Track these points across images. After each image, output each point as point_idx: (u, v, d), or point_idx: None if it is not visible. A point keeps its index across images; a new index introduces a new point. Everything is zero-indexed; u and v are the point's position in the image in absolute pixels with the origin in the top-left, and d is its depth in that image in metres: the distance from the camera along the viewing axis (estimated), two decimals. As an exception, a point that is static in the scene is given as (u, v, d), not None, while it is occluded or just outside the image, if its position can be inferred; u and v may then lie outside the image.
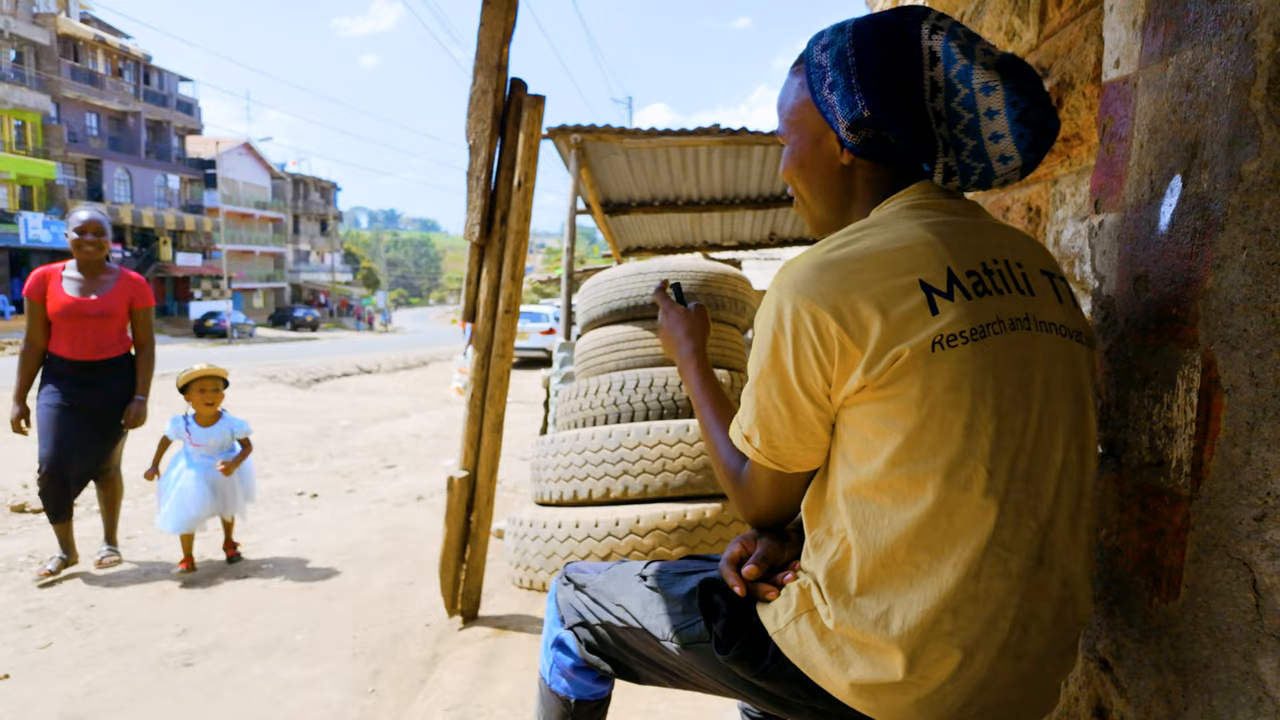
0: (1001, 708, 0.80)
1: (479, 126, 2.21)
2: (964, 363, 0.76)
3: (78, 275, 3.34)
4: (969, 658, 0.77)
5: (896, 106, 0.84)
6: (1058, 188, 1.31)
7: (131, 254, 32.62)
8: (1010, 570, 0.77)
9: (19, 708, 2.22)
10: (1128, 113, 0.95)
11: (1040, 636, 0.80)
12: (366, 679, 2.41)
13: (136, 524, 4.13)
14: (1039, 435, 0.79)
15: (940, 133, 0.87)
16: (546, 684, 1.25)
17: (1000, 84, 0.83)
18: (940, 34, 0.85)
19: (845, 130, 0.88)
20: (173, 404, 9.43)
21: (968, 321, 0.77)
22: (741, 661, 0.92)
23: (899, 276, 0.78)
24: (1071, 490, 0.81)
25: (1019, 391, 0.78)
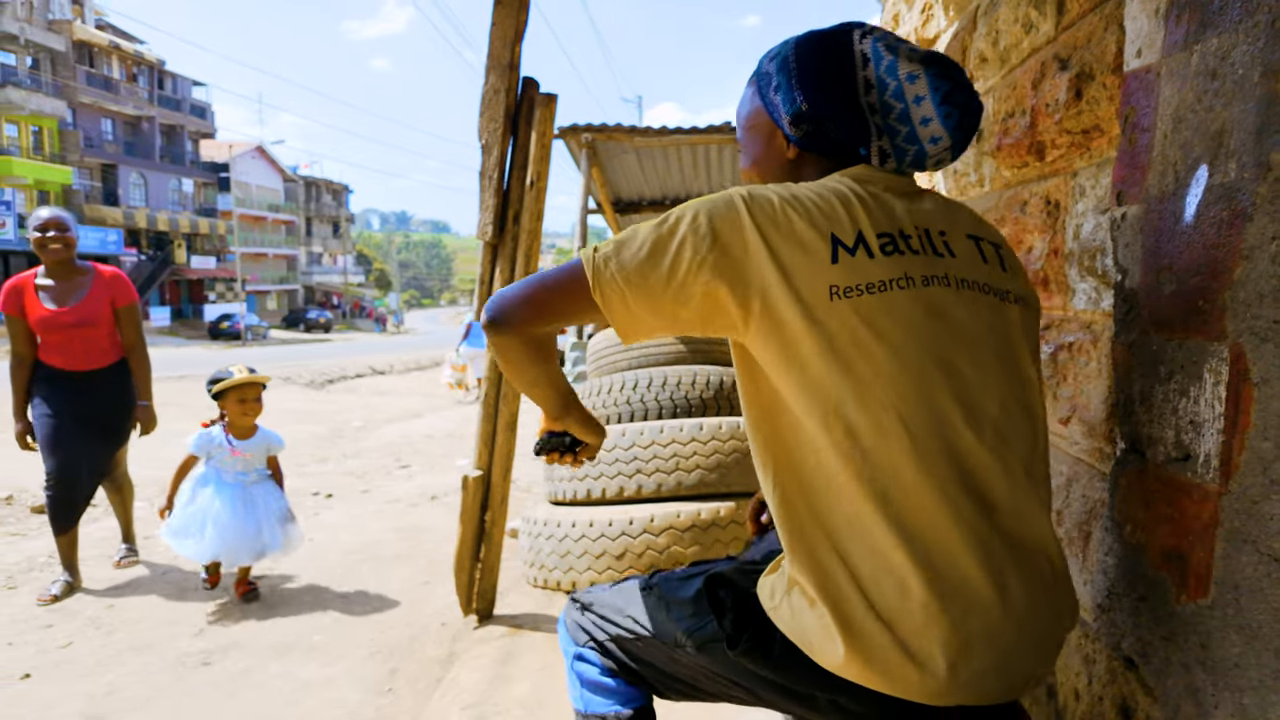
0: (995, 658, 0.81)
1: (491, 126, 2.21)
2: (864, 313, 0.82)
3: (50, 282, 3.10)
4: (946, 612, 0.79)
5: (832, 100, 0.95)
6: (1077, 180, 1.30)
7: (147, 257, 32.92)
8: (961, 515, 0.81)
9: (41, 707, 2.24)
10: (1150, 103, 0.94)
11: (1019, 587, 0.82)
12: (383, 678, 2.42)
13: (154, 524, 4.16)
14: (962, 382, 0.84)
15: (875, 122, 0.95)
16: (584, 712, 1.18)
17: (923, 72, 0.93)
18: (869, 38, 0.96)
19: (789, 125, 0.99)
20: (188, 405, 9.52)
21: (868, 276, 0.83)
22: (752, 655, 0.92)
23: (811, 222, 0.85)
24: (1019, 443, 0.86)
25: (931, 341, 0.84)
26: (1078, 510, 1.24)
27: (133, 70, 34.60)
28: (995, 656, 0.81)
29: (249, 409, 3.08)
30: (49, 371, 3.11)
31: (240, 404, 3.05)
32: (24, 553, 3.64)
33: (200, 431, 3.06)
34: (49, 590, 3.07)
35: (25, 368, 3.12)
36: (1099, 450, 1.19)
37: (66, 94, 30.17)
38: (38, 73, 29.23)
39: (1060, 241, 1.35)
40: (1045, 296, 1.43)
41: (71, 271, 3.13)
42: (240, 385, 3.04)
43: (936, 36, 2.33)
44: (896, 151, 0.96)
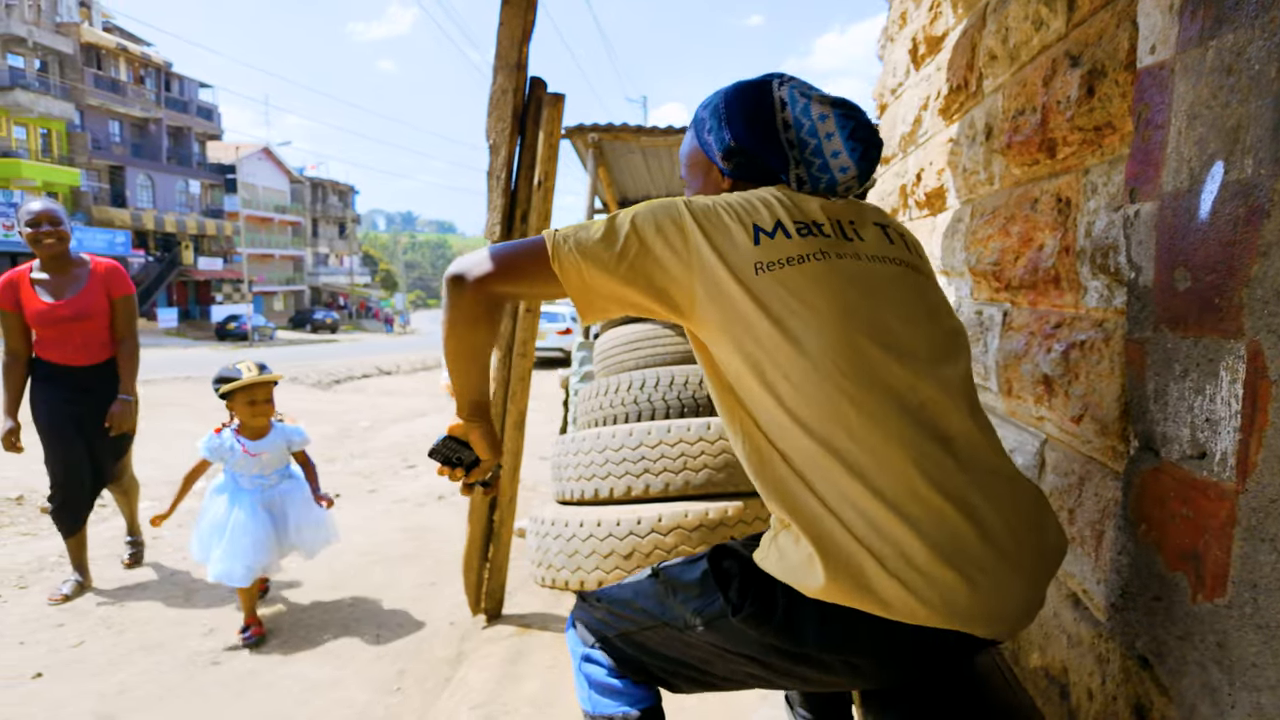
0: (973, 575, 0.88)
1: (499, 126, 2.22)
2: (787, 282, 0.96)
3: (46, 276, 3.00)
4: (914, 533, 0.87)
5: (755, 136, 1.11)
6: (1089, 178, 1.29)
7: (154, 259, 33.06)
8: (914, 446, 0.91)
9: (53, 705, 2.25)
10: (1164, 99, 0.93)
11: (990, 511, 0.90)
12: (392, 678, 2.43)
13: (164, 525, 4.18)
14: (889, 333, 0.97)
15: (794, 155, 1.11)
16: (592, 714, 1.19)
17: (832, 113, 1.10)
18: (786, 86, 1.13)
19: (721, 159, 1.16)
20: (193, 406, 9.53)
21: (786, 252, 0.98)
22: (756, 620, 0.97)
23: (736, 218, 1.01)
24: (959, 384, 1.00)
25: (853, 300, 0.97)
26: (1090, 509, 1.23)
27: (140, 72, 34.76)
28: (972, 573, 0.88)
29: (260, 410, 2.84)
30: (48, 369, 3.02)
31: (250, 405, 2.82)
32: (34, 552, 3.66)
33: (210, 435, 2.84)
34: (60, 590, 3.08)
35: (20, 365, 3.01)
36: (1112, 449, 1.19)
37: (74, 96, 30.33)
38: (46, 75, 29.39)
39: (1072, 239, 1.34)
40: (1056, 294, 1.43)
41: (68, 264, 3.03)
42: (249, 386, 2.80)
43: (945, 34, 2.32)
44: (812, 179, 1.11)
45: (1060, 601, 1.33)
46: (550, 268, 1.01)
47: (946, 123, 2.28)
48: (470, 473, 1.21)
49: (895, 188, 3.03)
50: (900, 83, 3.02)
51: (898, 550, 0.88)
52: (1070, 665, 1.25)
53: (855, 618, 0.91)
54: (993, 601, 0.89)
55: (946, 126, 2.28)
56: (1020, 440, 1.58)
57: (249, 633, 2.72)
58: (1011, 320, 1.67)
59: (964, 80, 2.02)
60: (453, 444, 1.18)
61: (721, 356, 1.00)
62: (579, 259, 1.00)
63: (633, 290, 1.00)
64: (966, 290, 2.02)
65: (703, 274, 0.98)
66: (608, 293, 1.01)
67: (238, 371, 2.80)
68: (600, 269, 1.00)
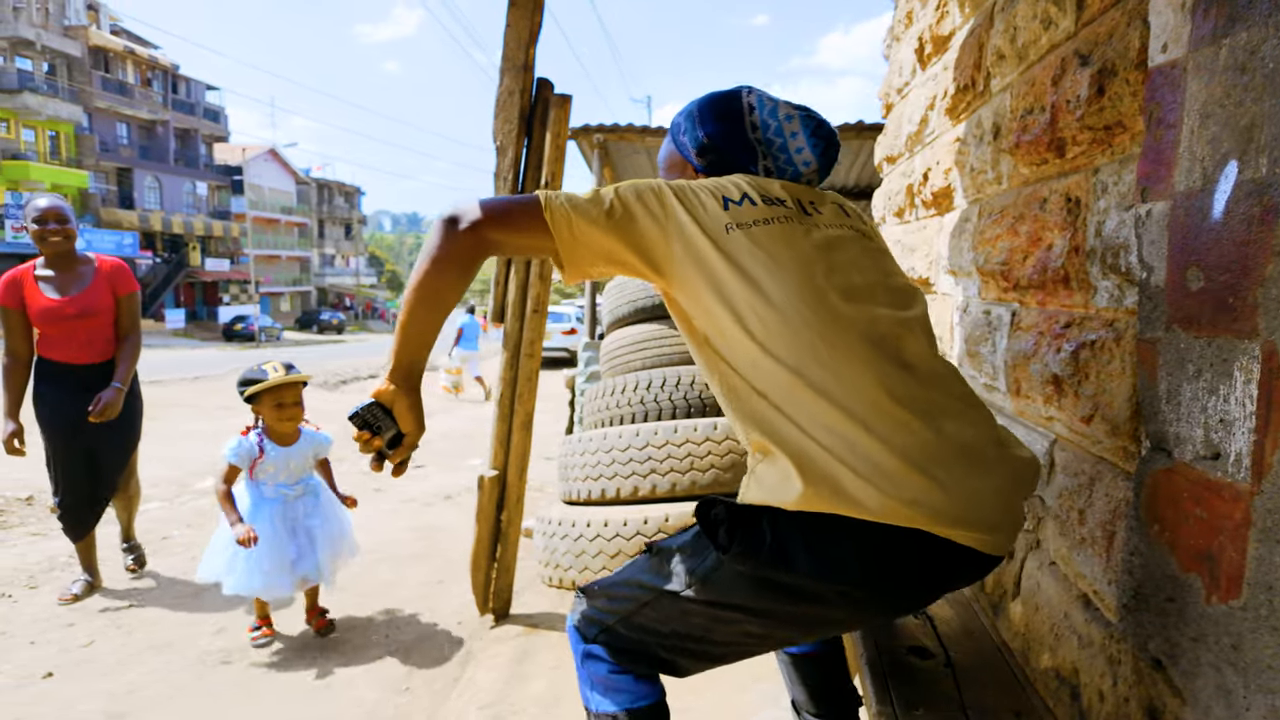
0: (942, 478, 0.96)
1: (506, 127, 2.22)
2: (754, 239, 1.08)
3: (50, 273, 2.95)
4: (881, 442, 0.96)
5: (726, 133, 1.26)
6: (1099, 177, 1.29)
7: (162, 260, 33.21)
8: (881, 371, 1.01)
9: (64, 705, 2.27)
10: (1176, 98, 0.93)
11: (955, 427, 1.00)
12: (400, 677, 2.43)
13: (172, 524, 4.20)
14: (847, 278, 1.10)
15: (761, 149, 1.26)
16: (596, 712, 1.21)
17: (796, 115, 1.26)
18: (754, 94, 1.29)
19: (695, 156, 1.29)
20: (200, 406, 9.56)
21: (752, 216, 1.11)
22: (747, 555, 1.02)
23: (710, 192, 1.13)
24: (917, 324, 1.12)
25: (812, 252, 1.10)
26: (1101, 510, 1.23)
27: (147, 75, 34.92)
28: (940, 475, 0.95)
29: (288, 414, 2.64)
30: (52, 369, 2.97)
31: (278, 408, 2.62)
32: (45, 552, 3.68)
33: (237, 439, 2.64)
34: (70, 590, 3.09)
35: (22, 367, 2.96)
36: (1123, 449, 1.18)
37: (82, 99, 30.49)
38: (54, 78, 29.55)
39: (1081, 239, 1.34)
40: (1065, 294, 1.42)
41: (73, 262, 3.00)
42: (277, 387, 2.61)
43: (951, 34, 2.32)
44: (778, 170, 1.26)
45: (1071, 602, 1.33)
46: (542, 219, 1.08)
47: (953, 122, 2.28)
48: (393, 448, 1.13)
49: (902, 187, 3.02)
50: (906, 82, 3.01)
51: (868, 460, 0.95)
52: (1081, 666, 1.25)
53: (840, 534, 0.96)
54: (963, 502, 0.96)
55: (953, 126, 2.27)
56: (1029, 440, 1.57)
57: (259, 633, 2.69)
58: (1020, 320, 1.66)
59: (971, 80, 2.01)
60: (377, 411, 1.11)
61: (697, 310, 1.09)
62: (569, 212, 1.08)
63: (619, 245, 1.09)
64: (974, 290, 2.01)
65: (680, 236, 1.08)
66: (595, 246, 1.09)
67: (264, 372, 2.62)
68: (589, 223, 1.08)
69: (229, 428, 8.60)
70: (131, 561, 3.34)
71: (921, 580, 1.02)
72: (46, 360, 2.99)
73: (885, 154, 3.47)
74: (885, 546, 0.96)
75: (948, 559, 0.98)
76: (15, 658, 2.57)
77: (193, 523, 4.27)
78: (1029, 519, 1.55)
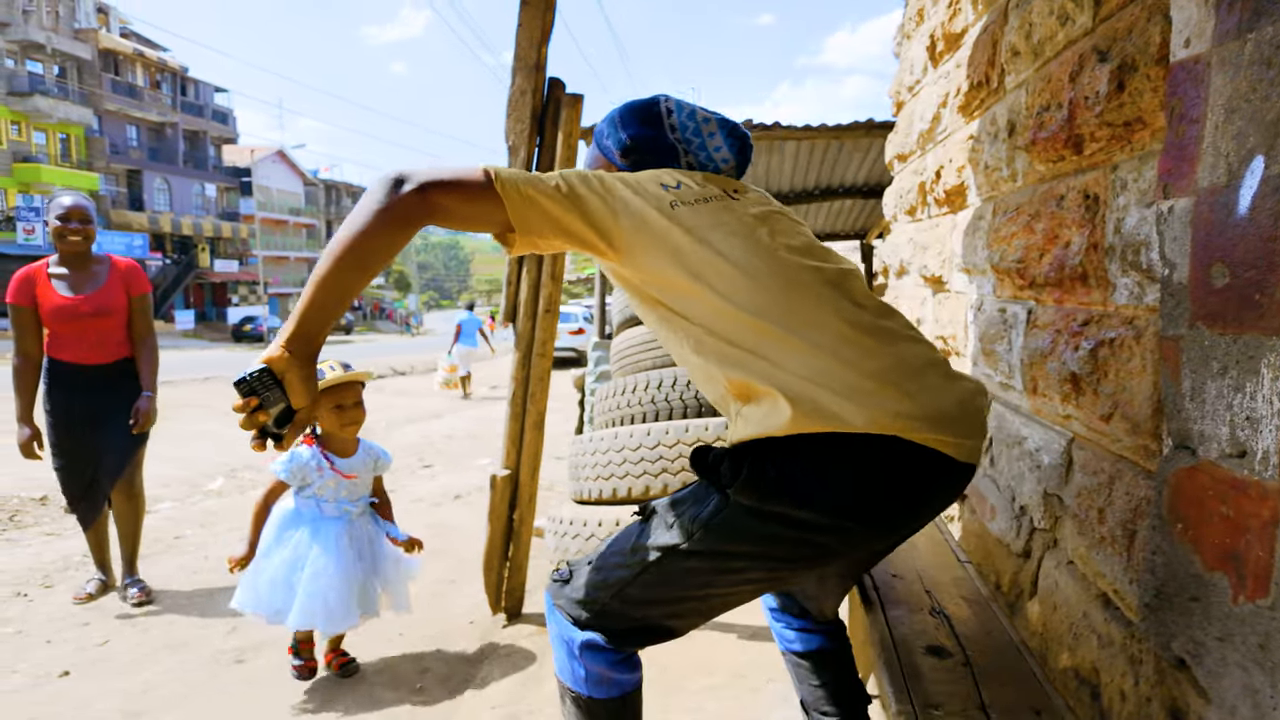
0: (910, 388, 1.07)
1: (518, 127, 2.22)
2: (698, 213, 1.19)
3: (64, 271, 2.92)
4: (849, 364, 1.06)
5: (647, 134, 1.36)
6: (1117, 174, 1.28)
7: (171, 261, 33.40)
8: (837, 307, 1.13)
9: (80, 703, 2.28)
10: (1200, 93, 0.92)
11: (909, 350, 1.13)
12: (414, 676, 2.44)
13: (185, 524, 4.23)
14: (789, 239, 1.22)
15: (681, 149, 1.37)
16: (588, 696, 1.22)
17: (713, 118, 1.39)
18: (670, 101, 1.40)
19: (620, 157, 1.38)
20: (212, 406, 9.59)
21: (691, 195, 1.21)
22: (748, 486, 1.06)
23: (648, 178, 1.23)
24: (856, 274, 1.24)
25: (753, 221, 1.22)
26: (1121, 508, 1.22)
27: (156, 77, 35.13)
28: (907, 385, 1.06)
29: (348, 417, 2.28)
30: (61, 370, 2.92)
31: (337, 412, 2.26)
32: (59, 551, 3.71)
33: (291, 452, 2.26)
34: (84, 589, 3.10)
35: (33, 368, 2.92)
36: (1144, 448, 1.18)
37: (92, 102, 30.69)
38: (65, 81, 29.76)
39: (1100, 236, 1.33)
40: (1083, 292, 1.41)
41: (88, 261, 2.97)
42: (336, 387, 2.25)
43: (964, 31, 2.31)
44: (699, 165, 1.37)
45: (1090, 601, 1.32)
46: (492, 188, 1.10)
47: (966, 120, 2.27)
48: (281, 426, 1.02)
49: (914, 185, 3.01)
50: (918, 80, 3.00)
51: (843, 382, 1.04)
52: (1101, 666, 1.24)
53: (834, 453, 1.03)
54: (934, 408, 1.06)
55: (966, 123, 2.26)
56: (1046, 439, 1.57)
57: (302, 663, 2.40)
58: (1036, 318, 1.65)
59: (985, 77, 2.00)
60: (267, 379, 1.00)
61: (652, 278, 1.17)
62: (520, 183, 1.12)
63: (569, 215, 1.13)
64: (989, 288, 2.01)
65: (626, 213, 1.15)
66: (548, 213, 1.13)
67: (319, 372, 2.09)
68: (540, 193, 1.13)
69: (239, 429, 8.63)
70: (138, 592, 3.05)
71: (911, 494, 1.09)
72: (57, 362, 2.94)
73: (896, 152, 3.46)
74: (875, 461, 1.04)
75: (929, 470, 1.07)
76: (32, 656, 2.59)
77: (205, 523, 4.30)
78: (1046, 517, 1.54)
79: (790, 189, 7.04)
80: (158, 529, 4.02)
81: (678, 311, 1.17)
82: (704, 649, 2.24)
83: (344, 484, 2.31)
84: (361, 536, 2.35)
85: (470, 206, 1.12)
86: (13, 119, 27.61)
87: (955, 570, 1.55)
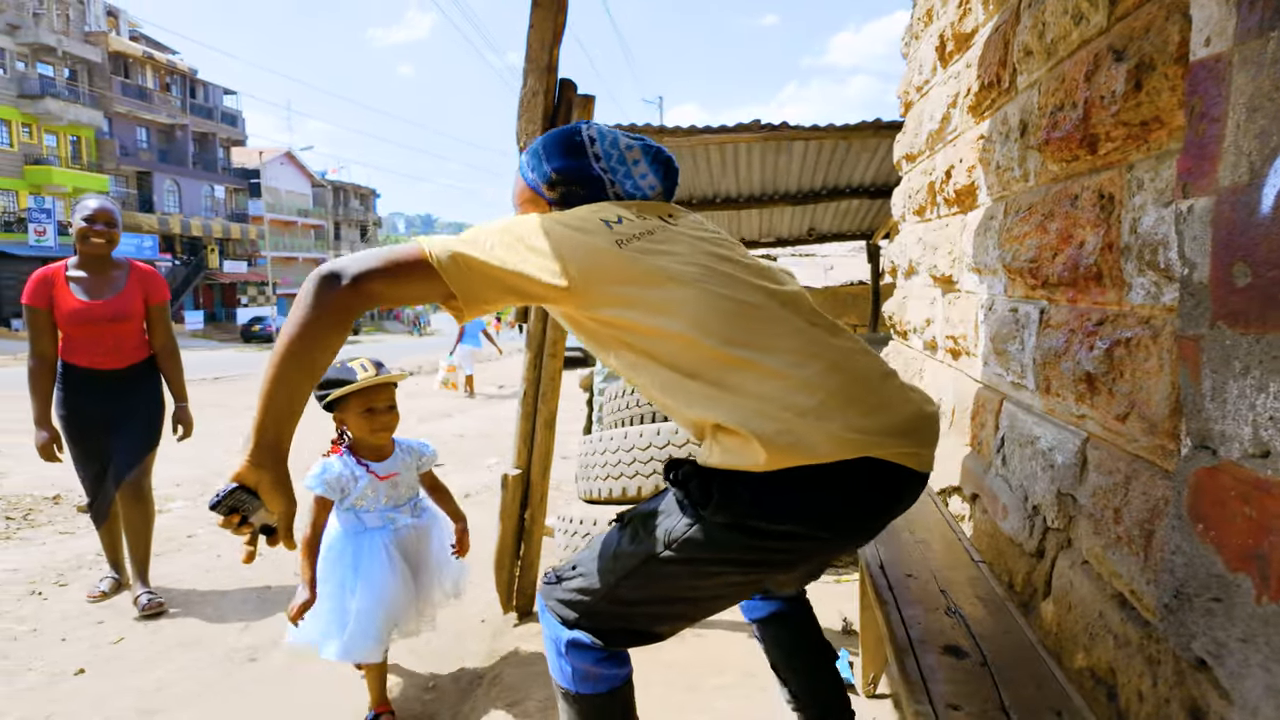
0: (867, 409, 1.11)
1: (530, 128, 2.23)
2: (645, 246, 1.19)
3: (83, 274, 2.90)
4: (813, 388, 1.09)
5: (572, 165, 1.35)
6: (1134, 173, 1.28)
7: (181, 262, 33.57)
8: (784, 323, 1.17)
9: (96, 701, 2.30)
10: (1221, 92, 0.92)
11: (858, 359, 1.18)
12: (426, 675, 2.45)
13: (197, 523, 4.25)
14: (738, 263, 1.25)
15: (608, 179, 1.36)
16: (576, 691, 1.27)
17: (636, 144, 1.39)
18: (592, 129, 1.40)
19: (546, 190, 1.37)
20: (226, 405, 9.63)
21: (633, 230, 1.22)
22: (723, 507, 1.10)
23: (588, 216, 1.23)
24: (799, 288, 1.29)
25: (700, 248, 1.24)
26: (1138, 508, 1.22)
27: (166, 80, 35.32)
28: (867, 400, 1.11)
29: (380, 422, 2.07)
30: (75, 374, 2.91)
31: (368, 415, 2.05)
32: (73, 550, 3.73)
33: (321, 463, 2.06)
34: (98, 587, 3.12)
35: (49, 370, 2.89)
36: (1161, 447, 1.17)
37: (103, 104, 30.89)
38: (75, 84, 29.95)
39: (1115, 235, 1.33)
40: (1098, 291, 1.41)
41: (107, 265, 2.96)
42: (367, 390, 2.04)
43: (974, 31, 2.30)
44: (626, 194, 1.37)
45: (1105, 601, 1.32)
46: (428, 265, 1.10)
47: (977, 120, 2.26)
48: (269, 535, 1.06)
49: (923, 185, 3.00)
50: (926, 80, 2.99)
51: (810, 405, 1.07)
52: (1118, 666, 1.24)
53: (804, 479, 1.06)
54: (893, 417, 1.12)
55: (977, 124, 2.26)
56: (1059, 439, 1.56)
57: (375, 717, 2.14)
58: (1049, 318, 1.65)
59: (996, 76, 2.00)
60: (242, 495, 1.02)
61: (615, 320, 1.16)
62: (457, 252, 1.11)
63: (513, 274, 1.13)
64: (1000, 288, 2.00)
65: (574, 258, 1.15)
66: (487, 278, 1.12)
67: (350, 371, 2.03)
68: (479, 257, 1.12)
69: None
70: (148, 603, 2.94)
71: (880, 505, 1.16)
72: (70, 366, 2.92)
73: (905, 152, 3.45)
74: (846, 482, 1.09)
75: (894, 482, 1.13)
76: (47, 654, 2.61)
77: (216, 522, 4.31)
78: (1059, 517, 1.54)
79: (798, 189, 7.03)
80: (170, 528, 4.04)
81: (641, 350, 1.17)
82: (716, 648, 2.24)
83: (383, 488, 2.11)
84: (414, 547, 2.17)
85: (408, 287, 1.11)
86: (24, 121, 27.82)
87: (969, 570, 1.55)
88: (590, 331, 1.23)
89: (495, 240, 1.15)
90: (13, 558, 3.63)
